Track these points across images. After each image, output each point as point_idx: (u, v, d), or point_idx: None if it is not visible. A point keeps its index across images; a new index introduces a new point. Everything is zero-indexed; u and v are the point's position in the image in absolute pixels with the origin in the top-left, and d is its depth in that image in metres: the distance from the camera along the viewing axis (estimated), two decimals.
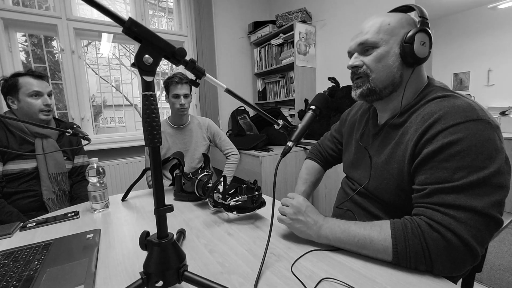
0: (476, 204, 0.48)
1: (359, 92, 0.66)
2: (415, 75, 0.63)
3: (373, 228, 0.55)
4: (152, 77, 0.42)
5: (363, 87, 0.65)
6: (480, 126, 0.50)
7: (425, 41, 0.59)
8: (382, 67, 0.62)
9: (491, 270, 1.62)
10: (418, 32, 0.58)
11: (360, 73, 0.65)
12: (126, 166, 2.27)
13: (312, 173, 0.97)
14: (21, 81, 1.16)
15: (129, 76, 4.61)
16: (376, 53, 0.62)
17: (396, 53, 0.61)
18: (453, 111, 0.53)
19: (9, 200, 1.12)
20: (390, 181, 0.64)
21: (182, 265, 0.47)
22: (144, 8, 2.33)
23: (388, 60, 0.61)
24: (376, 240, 0.53)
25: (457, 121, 0.52)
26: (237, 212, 0.80)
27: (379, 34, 0.61)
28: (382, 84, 0.63)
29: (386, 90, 0.64)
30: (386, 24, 0.61)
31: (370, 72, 0.63)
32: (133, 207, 0.97)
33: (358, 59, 0.65)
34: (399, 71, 0.62)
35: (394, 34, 0.61)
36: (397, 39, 0.61)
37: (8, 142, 1.13)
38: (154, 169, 0.44)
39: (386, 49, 0.61)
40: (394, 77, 0.62)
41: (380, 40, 0.61)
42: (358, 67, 0.65)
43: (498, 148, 0.50)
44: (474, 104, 0.54)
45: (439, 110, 0.55)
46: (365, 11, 2.06)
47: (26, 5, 1.96)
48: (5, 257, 0.61)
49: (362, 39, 0.63)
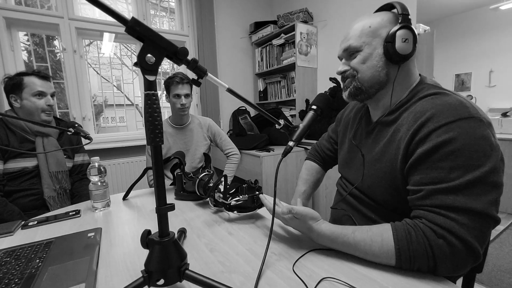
0: (476, 205, 0.47)
1: (348, 93, 0.69)
2: (404, 72, 0.64)
3: (374, 240, 0.53)
4: (154, 77, 0.42)
5: (350, 87, 0.68)
6: (472, 124, 0.50)
7: (407, 37, 0.58)
8: (366, 68, 0.64)
9: (491, 271, 1.62)
10: (399, 30, 0.58)
11: (347, 75, 0.68)
12: (127, 166, 2.28)
13: (312, 174, 0.98)
14: (26, 80, 1.16)
15: (131, 75, 4.62)
16: (360, 56, 0.64)
17: (379, 53, 0.62)
18: (445, 109, 0.53)
19: (10, 199, 1.12)
20: (383, 179, 0.63)
21: (183, 263, 0.47)
22: (146, 8, 2.34)
23: (373, 61, 0.63)
24: (378, 253, 0.52)
25: (450, 120, 0.51)
26: (238, 211, 0.80)
27: (361, 38, 0.63)
28: (368, 83, 0.65)
29: (372, 89, 0.65)
30: (367, 27, 0.63)
31: (356, 73, 0.65)
32: (134, 206, 0.98)
33: (345, 64, 0.68)
34: (384, 69, 0.63)
35: (376, 35, 0.62)
36: (380, 40, 0.62)
37: (9, 140, 1.14)
38: (156, 168, 0.44)
39: (369, 51, 0.63)
40: (379, 76, 0.63)
41: (363, 43, 0.63)
42: (346, 71, 0.68)
43: (493, 145, 0.50)
44: (465, 101, 0.54)
45: (431, 108, 0.55)
46: (366, 11, 2.04)
47: (28, 4, 1.97)
48: (7, 255, 0.61)
49: (346, 45, 0.66)
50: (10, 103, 1.19)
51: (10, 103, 1.19)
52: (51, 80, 1.26)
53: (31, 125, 1.18)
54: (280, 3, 2.93)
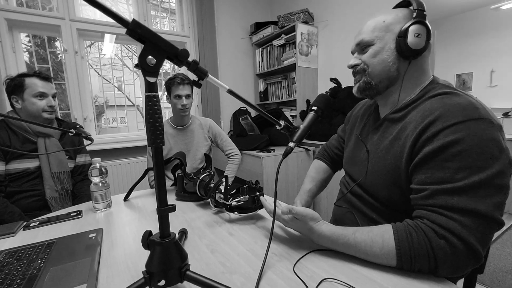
0: (480, 207, 0.47)
1: (357, 87, 0.70)
2: (414, 68, 0.63)
3: (375, 241, 0.52)
4: (155, 78, 0.42)
5: (360, 81, 0.68)
6: (482, 125, 0.49)
7: (420, 32, 0.58)
8: (377, 62, 0.64)
9: (493, 272, 1.61)
10: (412, 24, 0.59)
11: (358, 70, 0.68)
12: (128, 166, 2.28)
13: (320, 172, 0.98)
14: (27, 81, 1.17)
15: (131, 76, 4.63)
16: (372, 49, 0.64)
17: (391, 48, 0.62)
18: (455, 109, 0.52)
19: (12, 199, 1.13)
20: (386, 176, 0.63)
21: (184, 264, 0.47)
22: (147, 9, 2.34)
23: (383, 55, 0.63)
24: (379, 254, 0.52)
25: (458, 120, 0.50)
26: (239, 212, 0.80)
27: (374, 32, 0.64)
28: (378, 78, 0.65)
29: (382, 84, 0.66)
30: (381, 22, 0.63)
31: (367, 67, 0.66)
32: (135, 207, 0.98)
33: (357, 58, 0.68)
34: (394, 64, 0.63)
35: (389, 30, 0.62)
36: (392, 35, 0.62)
37: (11, 141, 1.14)
38: (157, 169, 0.44)
39: (381, 45, 0.63)
40: (389, 71, 0.64)
41: (375, 38, 0.63)
42: (357, 65, 0.68)
43: (502, 148, 0.49)
44: (476, 102, 0.53)
45: (440, 107, 0.54)
46: (367, 12, 2.05)
47: (30, 6, 1.98)
48: (9, 256, 0.61)
49: (358, 39, 0.67)
50: (11, 104, 1.20)
51: (11, 104, 1.20)
52: (52, 81, 1.26)
53: (32, 126, 1.19)
54: (280, 3, 2.93)
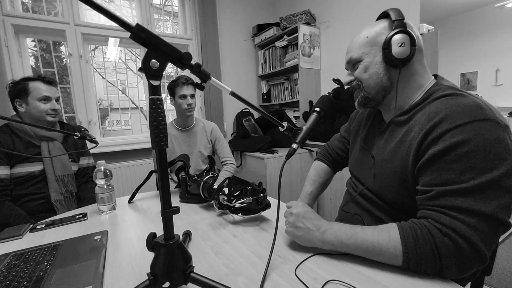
0: (485, 209, 0.47)
1: (357, 102, 0.73)
2: (409, 73, 0.64)
3: (381, 234, 0.53)
4: (158, 81, 0.42)
5: (358, 97, 0.71)
6: (488, 126, 0.49)
7: (403, 41, 0.59)
8: (369, 76, 0.66)
9: (501, 274, 1.59)
10: (393, 35, 0.60)
11: (354, 86, 0.71)
12: (133, 169, 2.30)
13: (320, 174, 0.97)
14: (31, 85, 1.18)
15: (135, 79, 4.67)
16: (361, 65, 0.67)
17: (379, 61, 0.64)
18: (460, 110, 0.52)
19: (18, 203, 1.14)
20: (394, 179, 0.63)
21: (188, 266, 0.47)
22: (150, 13, 2.36)
23: (373, 68, 0.65)
24: (385, 248, 0.52)
25: (464, 121, 0.50)
26: (242, 214, 0.80)
27: (360, 49, 0.66)
28: (373, 90, 0.67)
29: (379, 95, 0.68)
30: (364, 38, 0.66)
31: (361, 83, 0.69)
32: (140, 209, 0.98)
33: (350, 75, 0.71)
34: (385, 75, 0.65)
35: (374, 44, 0.64)
36: (378, 48, 0.64)
37: (15, 145, 1.15)
38: (161, 171, 0.45)
39: (369, 60, 0.66)
40: (382, 81, 0.66)
41: (362, 54, 0.66)
42: (351, 82, 0.71)
43: (509, 149, 0.48)
44: (482, 103, 0.52)
45: (446, 108, 0.54)
46: (369, 13, 2.05)
47: (35, 11, 2.01)
48: (16, 258, 0.62)
49: (347, 57, 0.70)
50: (15, 108, 1.21)
51: (15, 108, 1.21)
52: (56, 85, 1.28)
53: (36, 129, 1.20)
54: (282, 5, 2.94)
